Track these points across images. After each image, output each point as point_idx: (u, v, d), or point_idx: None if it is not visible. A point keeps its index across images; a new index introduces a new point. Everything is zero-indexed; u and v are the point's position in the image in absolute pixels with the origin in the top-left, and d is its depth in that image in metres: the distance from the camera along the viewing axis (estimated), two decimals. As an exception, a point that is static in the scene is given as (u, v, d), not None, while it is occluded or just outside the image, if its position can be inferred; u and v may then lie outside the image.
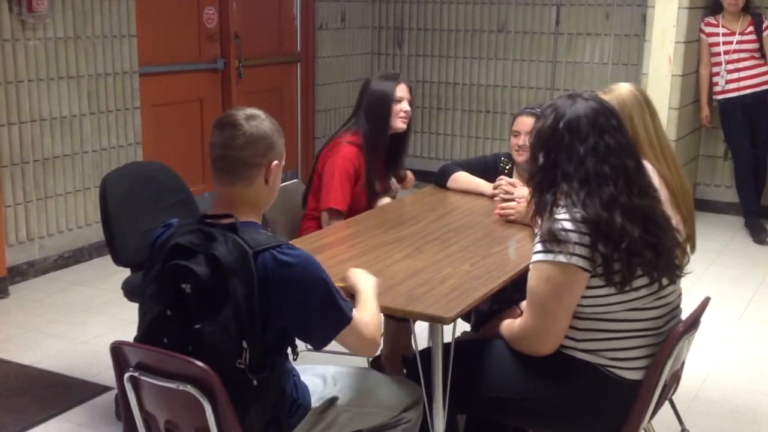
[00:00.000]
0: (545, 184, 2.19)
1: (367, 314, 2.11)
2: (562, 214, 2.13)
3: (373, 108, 3.38)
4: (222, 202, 2.04)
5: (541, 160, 2.20)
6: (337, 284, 2.07)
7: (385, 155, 3.49)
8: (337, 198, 3.27)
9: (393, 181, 3.59)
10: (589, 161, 2.14)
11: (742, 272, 5.02)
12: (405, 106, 3.41)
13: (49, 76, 4.69)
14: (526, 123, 3.36)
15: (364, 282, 2.25)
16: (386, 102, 3.37)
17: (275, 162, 2.06)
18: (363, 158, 3.35)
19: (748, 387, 3.58)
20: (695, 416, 3.26)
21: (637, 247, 2.10)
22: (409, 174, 3.67)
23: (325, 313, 1.98)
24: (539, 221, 2.22)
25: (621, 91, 2.80)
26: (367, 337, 2.06)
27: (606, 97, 2.51)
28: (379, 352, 3.34)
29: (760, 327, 4.23)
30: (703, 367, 3.68)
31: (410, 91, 3.47)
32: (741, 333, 4.14)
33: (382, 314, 2.21)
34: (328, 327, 2.00)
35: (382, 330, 3.20)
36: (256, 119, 2.03)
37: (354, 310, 2.05)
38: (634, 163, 2.21)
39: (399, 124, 3.41)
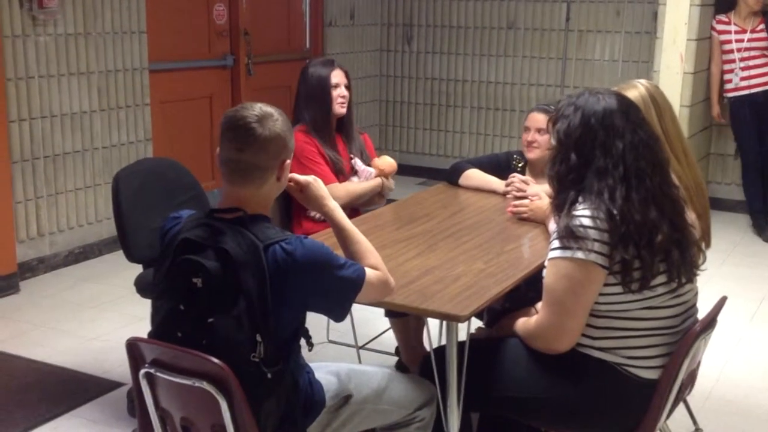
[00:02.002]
0: (573, 182, 2.16)
1: (369, 261, 2.12)
2: (581, 210, 2.11)
3: (312, 96, 3.40)
4: (231, 199, 2.03)
5: (573, 159, 2.16)
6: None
7: (336, 137, 3.48)
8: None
9: (358, 164, 3.48)
10: (628, 157, 2.13)
11: (754, 271, 5.00)
12: (342, 91, 3.42)
13: (60, 72, 4.69)
14: (537, 119, 3.35)
15: (334, 213, 2.22)
16: (324, 89, 3.39)
17: (287, 161, 2.05)
18: (314, 138, 3.36)
19: (761, 386, 3.57)
20: (709, 415, 3.25)
21: (666, 244, 2.09)
22: (387, 159, 3.53)
23: (336, 293, 2.01)
24: (557, 218, 2.20)
25: (628, 89, 2.78)
26: (381, 285, 2.11)
27: None
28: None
29: (772, 326, 4.21)
30: (716, 366, 3.66)
31: (346, 75, 3.47)
32: (754, 332, 4.12)
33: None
34: (343, 303, 2.04)
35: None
36: (268, 120, 2.00)
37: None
38: (664, 157, 2.20)
39: (338, 109, 3.43)
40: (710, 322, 2.23)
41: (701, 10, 5.41)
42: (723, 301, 2.33)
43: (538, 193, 3.10)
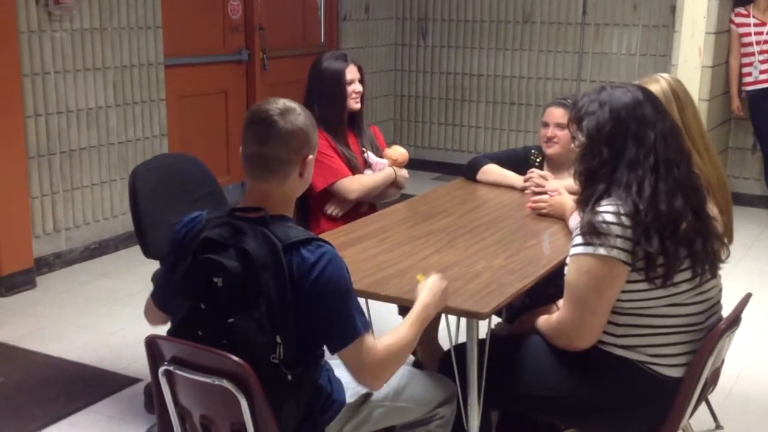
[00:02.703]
0: (604, 176, 2.13)
1: (385, 340, 1.99)
2: (604, 206, 2.08)
3: (326, 92, 3.35)
4: (253, 196, 2.01)
5: (605, 153, 2.13)
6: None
7: (348, 132, 3.43)
8: (328, 175, 3.23)
9: (372, 157, 3.44)
10: (659, 146, 2.11)
11: (773, 266, 4.95)
12: (356, 87, 3.38)
13: (75, 68, 4.69)
14: (555, 114, 3.32)
15: (421, 303, 2.13)
16: (340, 85, 3.34)
17: (310, 156, 2.03)
18: (325, 133, 3.29)
19: (782, 383, 3.53)
20: (729, 413, 3.21)
21: (689, 233, 2.07)
22: (398, 149, 3.51)
23: (336, 320, 1.92)
24: (581, 214, 2.18)
25: (650, 83, 2.75)
26: (366, 363, 1.94)
27: None
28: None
29: (792, 322, 4.16)
30: (737, 363, 3.62)
31: (360, 69, 3.43)
32: (774, 328, 4.08)
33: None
34: (338, 335, 1.94)
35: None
36: (290, 114, 1.98)
37: (372, 332, 1.96)
38: (688, 147, 2.18)
39: (353, 105, 3.38)
40: (735, 319, 2.20)
41: (720, 2, 5.35)
42: (747, 297, 2.30)
43: (558, 188, 3.08)
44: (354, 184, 3.28)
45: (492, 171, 3.49)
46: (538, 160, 3.47)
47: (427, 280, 2.19)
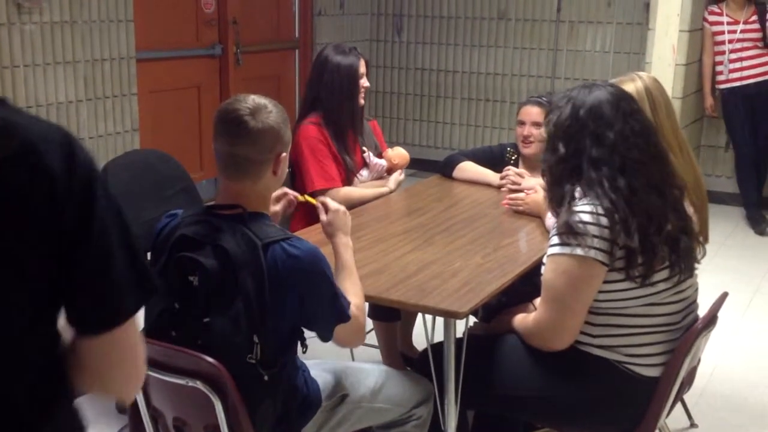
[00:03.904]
0: (565, 174, 2.14)
1: (354, 301, 2.02)
2: (581, 206, 2.08)
3: (341, 88, 3.22)
4: (228, 194, 1.98)
5: (561, 150, 2.14)
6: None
7: (348, 130, 3.31)
8: (318, 178, 3.15)
9: (371, 158, 3.36)
10: (621, 147, 2.10)
11: (745, 264, 4.99)
12: (365, 82, 3.31)
13: (45, 61, 4.61)
14: (531, 112, 3.31)
15: (345, 249, 2.16)
16: (354, 81, 3.24)
17: (283, 154, 2.00)
18: (326, 132, 3.21)
19: (756, 380, 3.55)
20: (703, 410, 3.23)
21: (675, 232, 2.06)
22: (400, 151, 3.46)
23: (327, 309, 1.93)
24: (554, 213, 2.17)
25: (626, 82, 2.75)
26: (353, 331, 2.02)
27: None
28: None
29: (766, 319, 4.19)
30: (710, 361, 3.63)
31: (366, 64, 3.36)
32: (747, 325, 4.11)
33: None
34: (329, 322, 1.95)
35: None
36: (261, 112, 1.94)
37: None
38: (662, 146, 2.17)
39: (361, 100, 3.30)
40: (711, 318, 2.21)
41: (693, 0, 5.38)
42: (723, 297, 2.31)
43: (534, 186, 3.07)
44: (339, 197, 3.18)
45: (468, 168, 3.47)
46: (513, 157, 3.47)
47: (332, 219, 2.19)
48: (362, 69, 3.29)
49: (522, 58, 6.73)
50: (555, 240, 2.11)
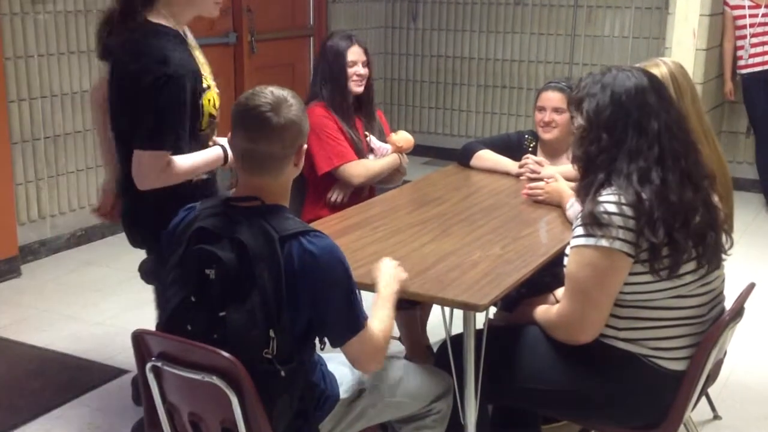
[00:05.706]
0: (603, 165, 2.06)
1: (377, 325, 1.97)
2: (605, 196, 2.02)
3: (329, 73, 3.27)
4: (248, 188, 1.94)
5: (605, 139, 2.05)
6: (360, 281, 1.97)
7: (355, 115, 3.34)
8: (335, 157, 3.16)
9: (374, 141, 3.35)
10: (663, 137, 2.03)
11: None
12: (359, 69, 3.28)
13: (60, 51, 4.59)
14: (552, 98, 3.25)
15: (385, 285, 2.11)
16: (341, 66, 3.25)
17: (304, 146, 1.96)
18: (333, 115, 3.24)
19: (779, 371, 3.49)
20: (727, 402, 3.18)
21: (703, 227, 2.01)
22: (404, 134, 3.40)
23: (340, 313, 1.88)
24: (581, 203, 2.11)
25: (650, 68, 2.68)
26: (369, 352, 1.93)
27: None
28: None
29: (788, 308, 4.12)
30: (734, 351, 3.56)
31: (366, 52, 3.33)
32: (769, 315, 4.04)
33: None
34: (341, 328, 1.90)
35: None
36: (282, 107, 1.89)
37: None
38: (693, 136, 2.11)
39: (354, 88, 3.28)
40: (738, 310, 2.15)
41: (715, -16, 5.29)
42: (751, 288, 2.25)
43: (554, 175, 3.02)
44: (359, 169, 3.20)
45: (486, 157, 3.42)
46: (531, 145, 3.41)
47: (382, 266, 2.17)
48: (353, 56, 3.27)
49: (539, 43, 6.65)
50: (579, 231, 2.05)
